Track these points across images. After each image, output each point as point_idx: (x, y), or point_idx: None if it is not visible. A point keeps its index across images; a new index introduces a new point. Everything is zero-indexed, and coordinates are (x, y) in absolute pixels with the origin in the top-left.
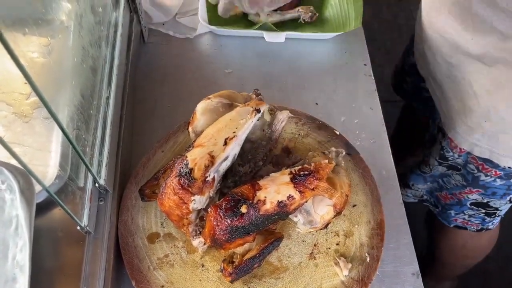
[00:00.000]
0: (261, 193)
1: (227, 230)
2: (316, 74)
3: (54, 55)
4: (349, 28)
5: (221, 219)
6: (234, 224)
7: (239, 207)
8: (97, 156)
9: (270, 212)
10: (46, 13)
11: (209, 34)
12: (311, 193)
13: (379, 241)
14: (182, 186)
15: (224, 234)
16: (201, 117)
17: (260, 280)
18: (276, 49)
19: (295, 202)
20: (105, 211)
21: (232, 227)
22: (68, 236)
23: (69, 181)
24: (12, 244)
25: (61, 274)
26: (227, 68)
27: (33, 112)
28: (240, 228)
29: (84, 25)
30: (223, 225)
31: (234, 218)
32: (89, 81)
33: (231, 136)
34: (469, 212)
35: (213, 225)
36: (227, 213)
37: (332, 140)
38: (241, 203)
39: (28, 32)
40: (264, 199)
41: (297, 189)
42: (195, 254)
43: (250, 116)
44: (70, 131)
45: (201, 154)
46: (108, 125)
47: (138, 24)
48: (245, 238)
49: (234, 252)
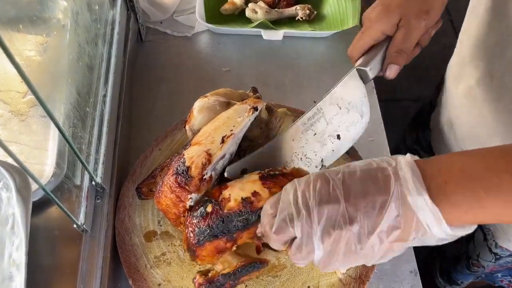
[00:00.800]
0: (226, 191)
1: (195, 232)
2: (314, 72)
3: (50, 53)
4: (347, 26)
5: (190, 220)
6: (201, 224)
7: (205, 207)
8: (93, 154)
9: (235, 209)
10: (42, 11)
11: (207, 33)
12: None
13: None
14: (179, 184)
15: (193, 237)
16: (198, 115)
17: (257, 278)
18: (274, 47)
19: (261, 199)
20: (102, 209)
21: (199, 228)
22: (65, 234)
23: (65, 179)
24: (9, 242)
25: (58, 272)
26: (225, 66)
27: (30, 111)
28: (206, 229)
29: (80, 22)
30: (192, 227)
31: (200, 218)
32: (86, 78)
33: (228, 134)
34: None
35: (185, 229)
36: (194, 214)
37: None
38: (207, 203)
39: (24, 30)
40: (228, 197)
41: (265, 185)
42: None
43: (247, 114)
44: (66, 129)
45: (198, 152)
46: (105, 123)
47: (135, 23)
48: (214, 243)
49: (213, 268)
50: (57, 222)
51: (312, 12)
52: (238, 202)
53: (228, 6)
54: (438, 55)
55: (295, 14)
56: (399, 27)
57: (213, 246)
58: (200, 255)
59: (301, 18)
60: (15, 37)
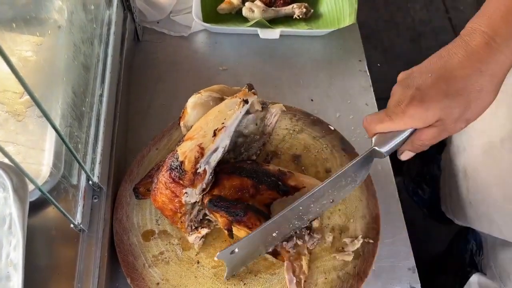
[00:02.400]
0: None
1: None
2: (311, 71)
3: (46, 53)
4: (344, 24)
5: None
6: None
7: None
8: (90, 153)
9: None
10: (37, 11)
11: (203, 32)
12: None
13: (375, 235)
14: (173, 179)
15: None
16: (192, 112)
17: (255, 276)
18: (270, 46)
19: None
20: (99, 209)
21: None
22: (62, 234)
23: (62, 179)
24: (6, 242)
25: (55, 272)
26: (222, 66)
27: (26, 111)
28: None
29: (76, 22)
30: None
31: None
32: (82, 78)
33: (220, 127)
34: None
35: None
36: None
37: (327, 136)
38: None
39: (19, 30)
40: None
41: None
42: (190, 251)
43: (238, 106)
44: (63, 129)
45: (191, 147)
46: (101, 123)
47: (132, 22)
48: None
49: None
50: (54, 222)
51: (308, 11)
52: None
53: (225, 6)
54: None
55: (292, 12)
56: (433, 126)
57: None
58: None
59: (298, 16)
60: (10, 37)
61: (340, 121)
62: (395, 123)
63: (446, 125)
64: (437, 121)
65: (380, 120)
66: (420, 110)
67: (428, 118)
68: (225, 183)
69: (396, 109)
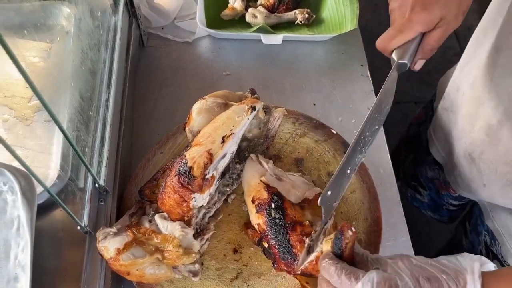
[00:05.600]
0: None
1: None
2: (313, 75)
3: (54, 59)
4: (346, 30)
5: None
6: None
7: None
8: (97, 157)
9: None
10: (46, 18)
11: (207, 38)
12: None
13: (377, 238)
14: (182, 184)
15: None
16: (197, 117)
17: (259, 277)
18: (273, 51)
19: None
20: (105, 211)
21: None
22: (69, 236)
23: (69, 182)
24: (14, 244)
25: (62, 273)
26: (226, 71)
27: (34, 115)
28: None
29: (83, 29)
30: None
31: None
32: (88, 83)
33: (228, 134)
34: None
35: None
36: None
37: (329, 139)
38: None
39: (28, 36)
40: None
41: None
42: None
43: (246, 113)
44: (70, 133)
45: (199, 152)
46: (107, 127)
47: (137, 28)
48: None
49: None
50: (61, 224)
51: (311, 16)
52: None
53: (228, 12)
54: (437, 56)
55: (294, 18)
56: (437, 27)
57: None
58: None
59: (300, 22)
60: (20, 43)
61: (342, 125)
62: (406, 33)
63: (449, 21)
64: (439, 21)
65: (392, 36)
66: (424, 13)
67: (433, 18)
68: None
69: (402, 21)
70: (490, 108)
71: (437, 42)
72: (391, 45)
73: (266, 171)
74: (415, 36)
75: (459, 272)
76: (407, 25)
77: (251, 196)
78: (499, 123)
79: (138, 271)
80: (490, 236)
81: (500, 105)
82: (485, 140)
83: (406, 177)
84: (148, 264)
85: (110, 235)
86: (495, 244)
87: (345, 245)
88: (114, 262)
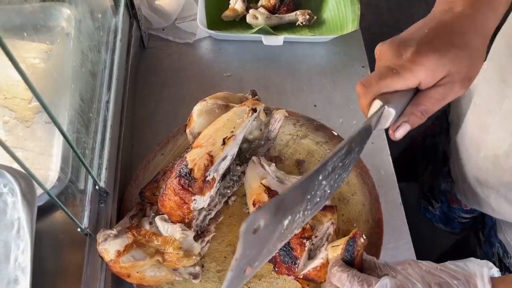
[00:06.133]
0: None
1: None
2: (314, 77)
3: (54, 60)
4: (347, 31)
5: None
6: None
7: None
8: (97, 159)
9: None
10: (46, 19)
11: (208, 39)
12: None
13: (378, 240)
14: (183, 186)
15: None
16: (198, 119)
17: (259, 280)
18: (274, 52)
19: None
20: (106, 213)
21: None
22: (69, 238)
23: (69, 184)
24: (14, 246)
25: (62, 275)
26: (226, 72)
27: (35, 117)
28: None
29: (84, 30)
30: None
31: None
32: (89, 85)
33: (229, 136)
34: None
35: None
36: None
37: (330, 141)
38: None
39: (28, 38)
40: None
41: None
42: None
43: (246, 115)
44: (70, 134)
45: (200, 154)
46: (108, 129)
47: (137, 30)
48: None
49: None
50: (61, 226)
51: (312, 17)
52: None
53: (229, 13)
54: None
55: (295, 19)
56: (439, 85)
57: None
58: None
59: (301, 23)
60: (19, 45)
61: (343, 127)
62: (405, 77)
63: (454, 82)
64: (444, 77)
65: (383, 76)
66: (433, 57)
67: (439, 69)
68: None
69: (401, 61)
70: (497, 139)
71: (433, 104)
72: (380, 86)
73: (267, 174)
74: (412, 85)
75: (468, 277)
76: (408, 67)
77: (253, 199)
78: (505, 153)
79: (139, 273)
80: (503, 249)
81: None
82: (490, 169)
83: (423, 187)
84: (149, 266)
85: (110, 237)
86: (507, 257)
87: (356, 252)
88: (115, 264)
